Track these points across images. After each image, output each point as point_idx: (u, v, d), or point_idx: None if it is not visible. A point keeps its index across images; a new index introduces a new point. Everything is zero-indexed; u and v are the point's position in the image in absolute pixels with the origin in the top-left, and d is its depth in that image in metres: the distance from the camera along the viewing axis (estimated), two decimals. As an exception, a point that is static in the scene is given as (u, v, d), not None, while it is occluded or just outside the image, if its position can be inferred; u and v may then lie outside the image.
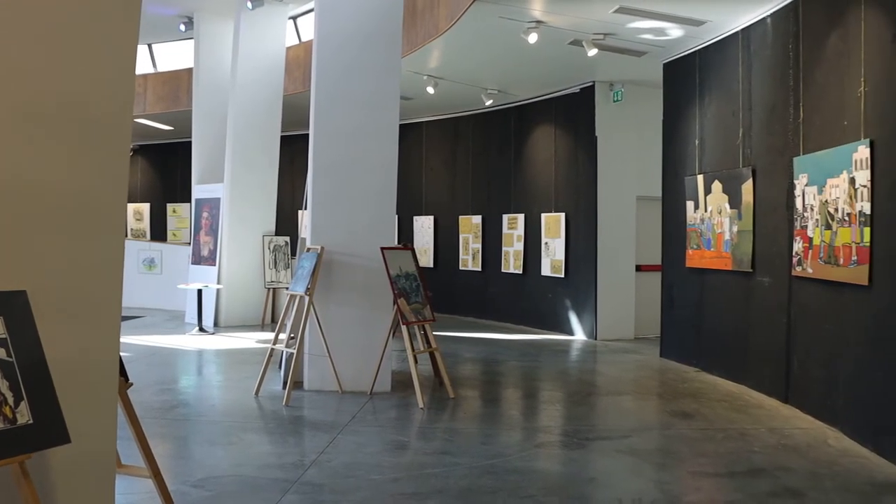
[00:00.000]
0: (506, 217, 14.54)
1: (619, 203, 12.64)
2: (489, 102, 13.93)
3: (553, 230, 13.38)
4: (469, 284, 15.40)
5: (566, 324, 13.22)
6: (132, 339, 11.80)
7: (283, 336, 8.71)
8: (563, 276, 13.18)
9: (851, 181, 6.52)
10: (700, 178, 9.73)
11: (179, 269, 15.60)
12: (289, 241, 14.63)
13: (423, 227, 16.34)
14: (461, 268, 15.60)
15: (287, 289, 10.89)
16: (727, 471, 5.84)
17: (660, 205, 11.14)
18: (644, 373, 9.96)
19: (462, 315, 15.35)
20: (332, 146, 8.55)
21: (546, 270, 13.55)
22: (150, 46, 17.77)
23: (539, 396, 9.11)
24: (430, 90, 12.96)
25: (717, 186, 9.33)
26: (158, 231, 20.93)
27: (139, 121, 17.69)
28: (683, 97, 10.38)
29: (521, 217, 14.15)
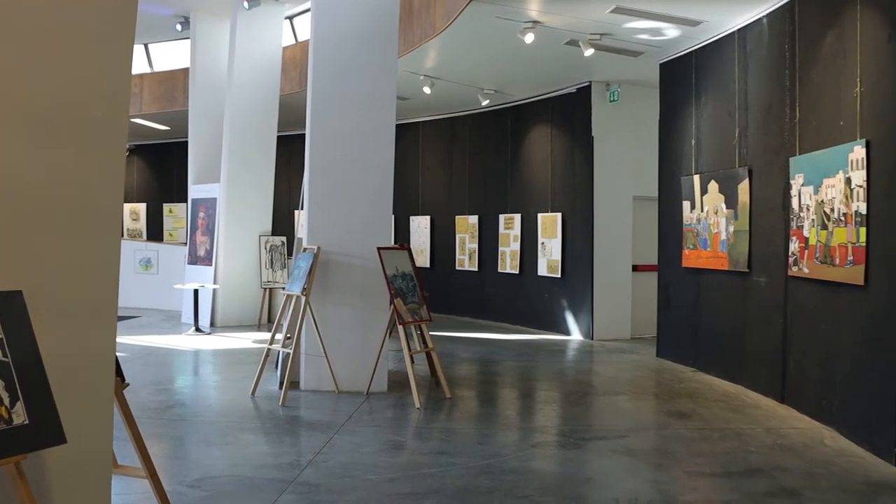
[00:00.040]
0: (502, 217, 14.54)
1: (616, 203, 12.65)
2: (486, 102, 13.93)
3: (549, 230, 13.38)
4: (465, 284, 15.41)
5: (563, 324, 13.23)
6: (128, 340, 11.78)
7: (280, 336, 8.70)
8: (560, 276, 13.19)
9: (847, 181, 6.53)
10: (696, 178, 9.74)
11: (176, 269, 15.57)
12: (285, 241, 14.62)
13: (420, 227, 16.34)
14: (458, 268, 15.60)
15: (283, 289, 10.87)
16: (724, 471, 5.84)
17: (656, 205, 11.15)
18: (640, 373, 9.96)
19: (458, 315, 15.35)
20: (329, 146, 8.55)
21: (542, 270, 13.56)
22: (147, 46, 17.75)
23: (536, 396, 9.11)
24: (427, 90, 12.97)
25: (714, 186, 9.35)
26: (155, 231, 20.91)
27: (135, 121, 17.66)
28: (680, 97, 10.39)
29: (518, 217, 14.16)
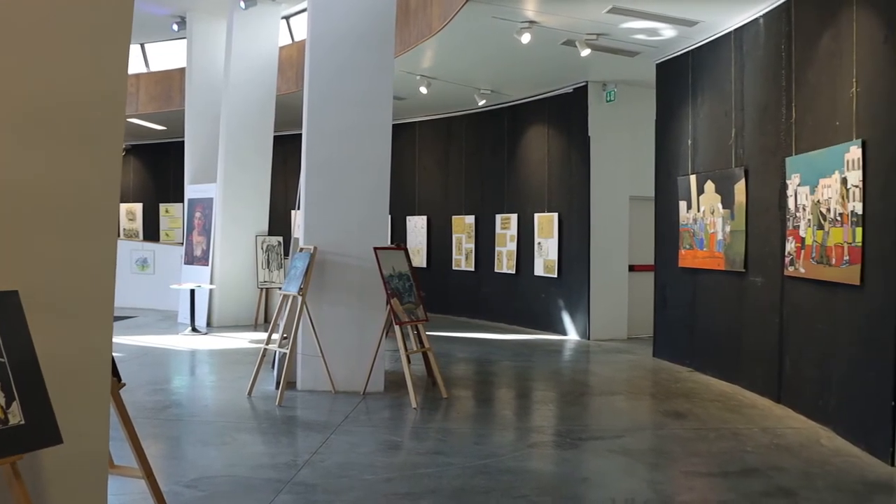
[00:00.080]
0: (499, 217, 14.54)
1: (612, 203, 12.66)
2: (482, 102, 13.92)
3: (546, 230, 13.39)
4: (462, 284, 15.41)
5: (559, 324, 13.23)
6: (125, 340, 11.77)
7: (276, 336, 8.70)
8: (557, 276, 13.19)
9: (843, 181, 6.54)
10: (693, 178, 9.75)
11: (172, 269, 15.57)
12: (282, 241, 14.61)
13: (417, 227, 16.34)
14: (454, 268, 15.60)
15: (280, 289, 10.86)
16: (720, 470, 5.85)
17: (653, 205, 11.16)
18: (637, 373, 9.97)
19: (455, 315, 15.35)
20: (325, 146, 8.54)
21: (539, 270, 13.56)
22: (143, 46, 17.74)
23: (532, 396, 9.11)
24: (423, 90, 12.96)
25: (710, 186, 9.36)
26: (151, 231, 20.89)
27: (132, 120, 17.65)
28: (676, 97, 10.40)
29: (515, 217, 14.16)
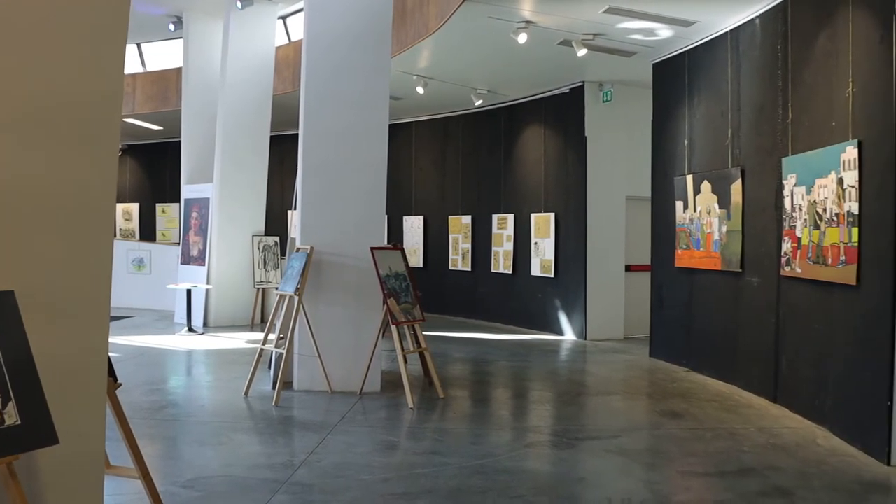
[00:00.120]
0: (495, 217, 14.54)
1: (609, 203, 12.66)
2: (479, 102, 13.92)
3: (543, 230, 13.39)
4: (459, 284, 15.40)
5: (556, 324, 13.24)
6: (121, 340, 11.75)
7: (273, 336, 8.69)
8: (553, 276, 13.19)
9: (839, 181, 6.55)
10: (689, 179, 9.75)
11: (168, 269, 15.55)
12: (278, 241, 14.60)
13: (413, 227, 16.33)
14: (451, 268, 15.60)
15: (276, 289, 10.86)
16: (717, 470, 5.85)
17: (649, 205, 11.16)
18: (633, 373, 9.98)
19: (452, 315, 15.35)
20: (322, 146, 8.54)
21: (536, 270, 13.56)
22: (140, 46, 17.71)
23: (529, 396, 9.11)
24: (420, 90, 12.96)
25: (707, 186, 9.36)
26: (147, 231, 20.85)
27: (128, 120, 17.63)
28: (673, 97, 10.41)
29: (511, 217, 14.16)
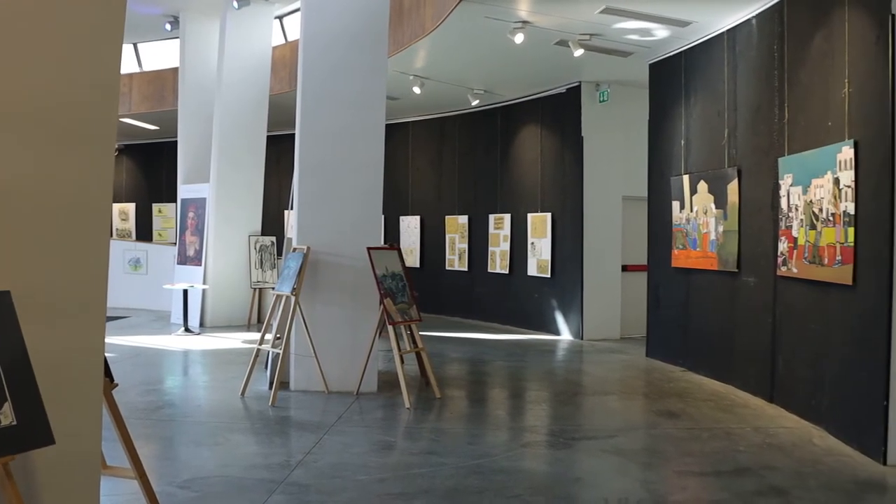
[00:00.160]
0: (492, 217, 14.55)
1: (606, 203, 12.67)
2: (475, 102, 13.92)
3: (539, 230, 13.40)
4: (455, 284, 15.40)
5: (552, 324, 13.24)
6: (117, 340, 11.74)
7: (270, 336, 8.68)
8: (550, 276, 13.20)
9: (836, 181, 6.56)
10: (686, 179, 9.76)
11: (165, 270, 15.52)
12: (275, 241, 14.59)
13: (410, 227, 16.33)
14: (447, 268, 15.60)
15: (273, 289, 10.85)
16: (713, 470, 5.86)
17: (646, 205, 11.17)
18: (630, 373, 9.98)
19: (448, 315, 15.35)
20: (319, 146, 8.53)
21: (532, 270, 13.57)
22: (136, 46, 17.68)
23: (525, 396, 9.12)
24: (417, 90, 12.96)
25: (703, 186, 9.37)
26: (144, 231, 20.83)
27: (124, 120, 17.59)
28: (669, 97, 10.42)
29: (508, 217, 14.16)
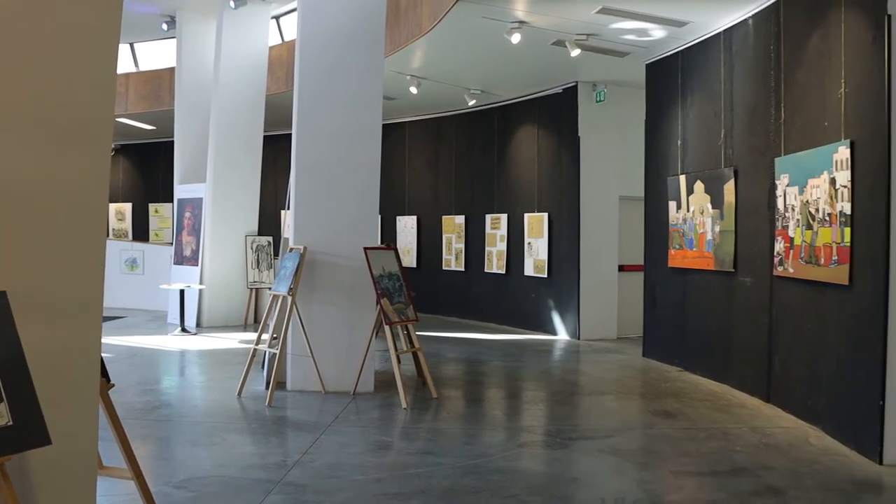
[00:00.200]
0: (489, 217, 14.55)
1: (602, 203, 12.68)
2: (472, 102, 13.92)
3: (536, 230, 13.40)
4: (452, 284, 15.40)
5: (549, 324, 13.25)
6: (114, 340, 11.72)
7: (266, 336, 8.67)
8: (546, 276, 13.21)
9: (832, 181, 6.57)
10: (682, 179, 9.77)
11: (161, 270, 15.51)
12: (271, 241, 14.57)
13: (406, 227, 16.33)
14: (444, 268, 15.59)
15: (270, 289, 10.84)
16: (709, 470, 5.87)
17: (642, 205, 11.18)
18: (627, 372, 9.99)
19: (445, 315, 15.34)
20: (315, 146, 8.53)
21: (529, 270, 13.57)
22: (132, 45, 17.66)
23: (522, 396, 9.12)
24: (413, 90, 12.96)
25: (700, 186, 9.38)
26: (140, 231, 20.80)
27: (121, 120, 17.58)
28: (666, 98, 10.43)
29: (504, 217, 14.17)
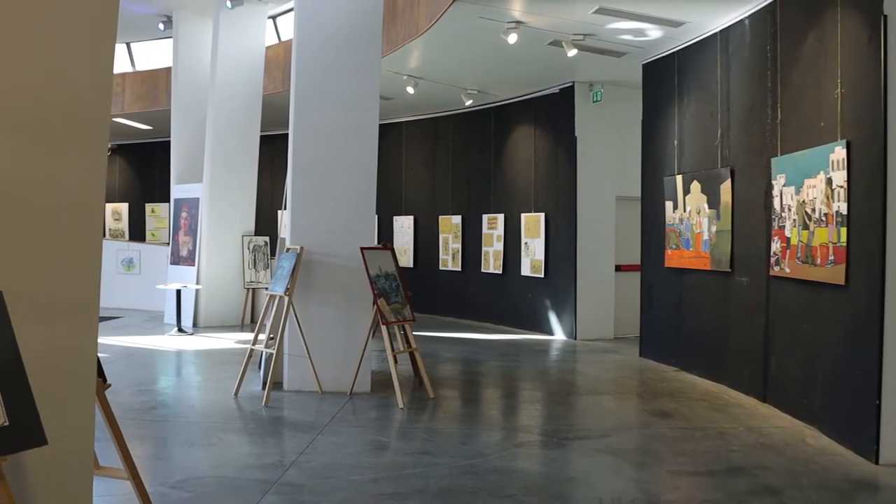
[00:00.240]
0: (486, 217, 14.55)
1: (599, 203, 12.68)
2: (469, 102, 13.92)
3: (533, 230, 13.40)
4: (449, 284, 15.40)
5: (546, 324, 13.25)
6: (110, 340, 11.70)
7: (263, 336, 8.67)
8: (543, 276, 13.21)
9: (828, 181, 6.58)
10: (679, 179, 9.78)
11: (158, 270, 15.50)
12: (268, 241, 14.56)
13: (403, 227, 16.32)
14: (441, 268, 15.59)
15: (266, 289, 10.84)
16: (706, 469, 5.87)
17: (639, 205, 11.18)
18: (623, 372, 10.00)
19: (442, 315, 15.34)
20: (312, 146, 8.52)
21: (526, 270, 13.57)
22: (129, 45, 17.63)
23: (519, 396, 9.12)
24: (410, 90, 12.95)
25: (696, 186, 9.39)
26: (137, 231, 20.77)
27: (117, 120, 17.55)
28: (662, 98, 10.43)
29: (501, 217, 14.17)
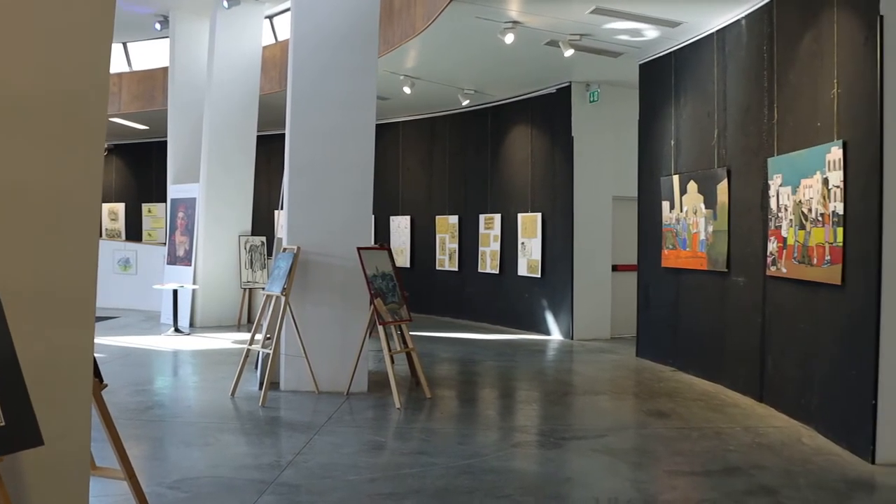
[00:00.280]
0: (482, 217, 14.55)
1: (596, 203, 12.69)
2: (466, 102, 13.93)
3: (529, 230, 13.41)
4: (446, 284, 15.40)
5: (542, 324, 13.26)
6: (107, 340, 11.69)
7: (260, 336, 8.67)
8: (540, 276, 13.21)
9: (825, 182, 6.58)
10: (675, 179, 9.79)
11: (155, 270, 15.48)
12: (265, 241, 14.55)
13: (400, 227, 16.32)
14: (438, 268, 15.60)
15: (263, 289, 10.83)
16: (703, 469, 5.88)
17: (636, 205, 11.19)
18: (620, 372, 10.00)
19: (439, 315, 15.34)
20: (309, 146, 8.52)
21: (522, 270, 13.58)
22: (125, 45, 17.62)
23: (515, 396, 9.12)
24: (407, 90, 12.95)
25: (693, 187, 9.40)
26: (133, 231, 20.75)
27: (114, 120, 17.53)
28: (659, 98, 10.44)
29: (498, 217, 14.17)
